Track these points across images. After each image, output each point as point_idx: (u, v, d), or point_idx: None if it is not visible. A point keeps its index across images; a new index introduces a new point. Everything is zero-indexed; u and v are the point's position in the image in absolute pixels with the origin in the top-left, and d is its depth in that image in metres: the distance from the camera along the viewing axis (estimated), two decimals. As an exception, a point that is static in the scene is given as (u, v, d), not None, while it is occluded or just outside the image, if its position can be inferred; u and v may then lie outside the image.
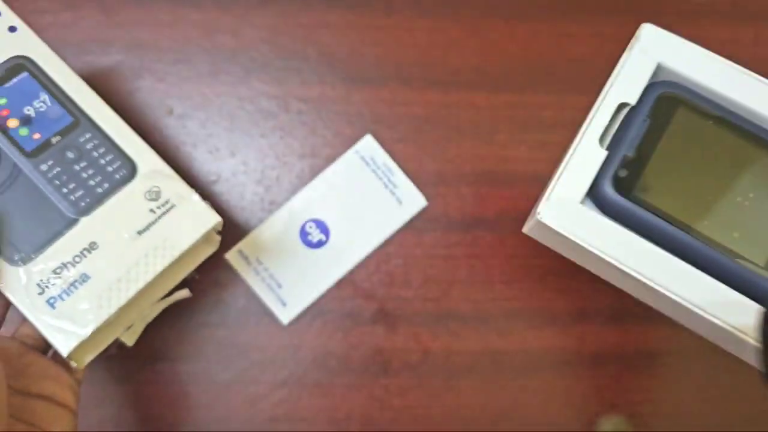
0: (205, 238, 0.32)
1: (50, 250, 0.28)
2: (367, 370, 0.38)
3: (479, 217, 0.40)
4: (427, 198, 0.40)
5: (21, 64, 0.31)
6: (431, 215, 0.40)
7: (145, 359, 0.37)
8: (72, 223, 0.29)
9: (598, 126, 0.29)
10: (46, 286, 0.28)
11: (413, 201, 0.40)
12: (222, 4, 0.41)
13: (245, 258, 0.38)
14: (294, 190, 0.39)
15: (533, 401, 0.38)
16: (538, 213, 0.27)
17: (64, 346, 0.27)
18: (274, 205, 0.39)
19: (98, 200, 0.29)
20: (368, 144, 0.40)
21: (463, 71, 0.41)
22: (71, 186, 0.29)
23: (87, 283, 0.28)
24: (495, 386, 0.38)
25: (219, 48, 0.41)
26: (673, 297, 0.27)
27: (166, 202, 0.30)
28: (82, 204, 0.29)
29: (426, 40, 0.41)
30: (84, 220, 0.29)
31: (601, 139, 0.29)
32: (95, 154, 0.30)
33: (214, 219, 0.30)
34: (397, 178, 0.40)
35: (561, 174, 0.28)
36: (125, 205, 0.29)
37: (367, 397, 0.37)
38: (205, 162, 0.40)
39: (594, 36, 0.42)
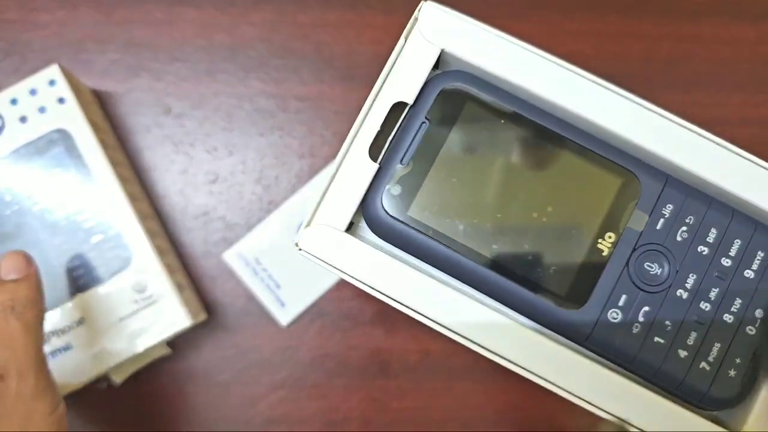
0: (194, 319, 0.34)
1: (46, 316, 0.31)
2: (366, 371, 0.38)
3: (479, 217, 0.40)
4: (427, 198, 0.40)
5: (58, 139, 0.33)
6: (430, 215, 0.40)
7: (143, 360, 0.37)
8: (69, 297, 0.32)
9: (368, 133, 0.23)
10: None
11: (412, 201, 0.40)
12: (219, 3, 0.41)
13: (243, 258, 0.38)
14: (293, 190, 0.39)
15: (534, 402, 0.38)
16: (297, 242, 0.23)
17: None
18: (272, 205, 0.39)
19: (94, 282, 0.32)
20: (367, 143, 0.40)
21: (462, 70, 0.41)
22: (75, 263, 0.33)
23: (68, 352, 0.32)
24: (495, 387, 0.38)
25: (216, 47, 0.40)
26: (457, 339, 0.23)
27: (149, 297, 0.33)
28: (80, 282, 0.32)
29: (425, 39, 0.41)
30: (79, 297, 0.32)
31: (375, 148, 0.23)
32: (102, 237, 0.33)
33: (185, 323, 0.33)
34: (396, 177, 0.40)
35: (324, 194, 0.23)
36: (115, 292, 0.33)
37: (366, 399, 0.37)
38: (203, 161, 0.39)
39: (594, 34, 0.42)
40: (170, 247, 0.38)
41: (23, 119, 0.33)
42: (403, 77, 0.24)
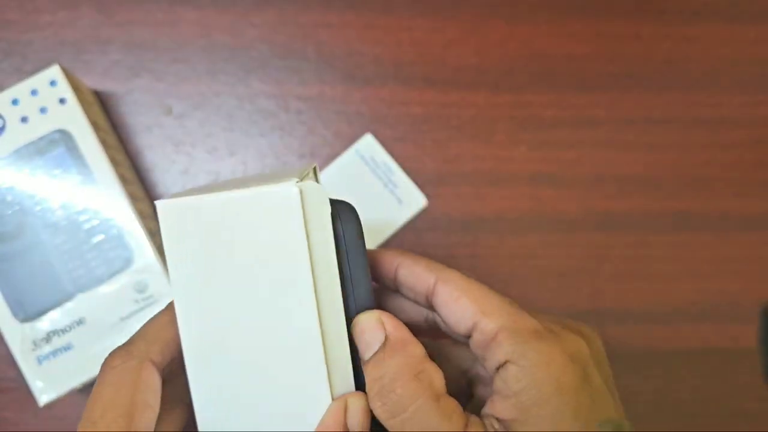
0: None
1: (48, 316, 0.32)
2: (367, 370, 0.38)
3: (479, 217, 0.40)
4: (427, 198, 0.40)
5: (60, 139, 0.33)
6: (431, 215, 0.40)
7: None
8: (69, 297, 0.32)
9: None
10: (38, 346, 0.32)
11: (413, 200, 0.40)
12: (220, 4, 0.41)
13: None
14: (293, 190, 0.39)
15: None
16: None
17: (40, 398, 0.32)
18: (273, 205, 0.39)
19: (95, 282, 0.32)
20: (368, 143, 0.40)
21: (462, 70, 0.41)
22: (76, 263, 0.32)
23: (69, 352, 0.32)
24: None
25: (217, 47, 0.40)
26: None
27: (150, 297, 0.33)
28: (81, 282, 0.32)
29: (425, 39, 0.41)
30: (80, 296, 0.32)
31: None
32: (103, 237, 0.33)
33: None
34: (397, 177, 0.40)
35: None
36: (115, 292, 0.33)
37: (367, 398, 0.37)
38: (204, 162, 0.39)
39: (594, 35, 0.42)
40: None
41: (24, 119, 0.33)
42: None
